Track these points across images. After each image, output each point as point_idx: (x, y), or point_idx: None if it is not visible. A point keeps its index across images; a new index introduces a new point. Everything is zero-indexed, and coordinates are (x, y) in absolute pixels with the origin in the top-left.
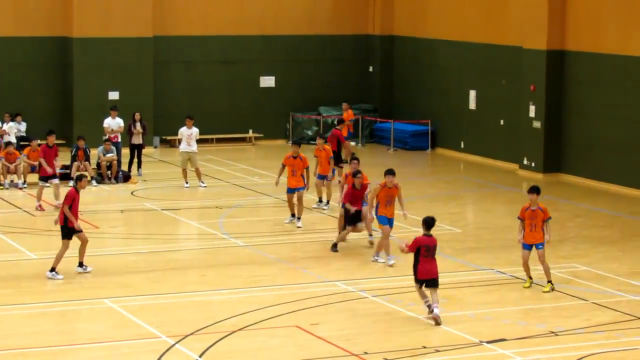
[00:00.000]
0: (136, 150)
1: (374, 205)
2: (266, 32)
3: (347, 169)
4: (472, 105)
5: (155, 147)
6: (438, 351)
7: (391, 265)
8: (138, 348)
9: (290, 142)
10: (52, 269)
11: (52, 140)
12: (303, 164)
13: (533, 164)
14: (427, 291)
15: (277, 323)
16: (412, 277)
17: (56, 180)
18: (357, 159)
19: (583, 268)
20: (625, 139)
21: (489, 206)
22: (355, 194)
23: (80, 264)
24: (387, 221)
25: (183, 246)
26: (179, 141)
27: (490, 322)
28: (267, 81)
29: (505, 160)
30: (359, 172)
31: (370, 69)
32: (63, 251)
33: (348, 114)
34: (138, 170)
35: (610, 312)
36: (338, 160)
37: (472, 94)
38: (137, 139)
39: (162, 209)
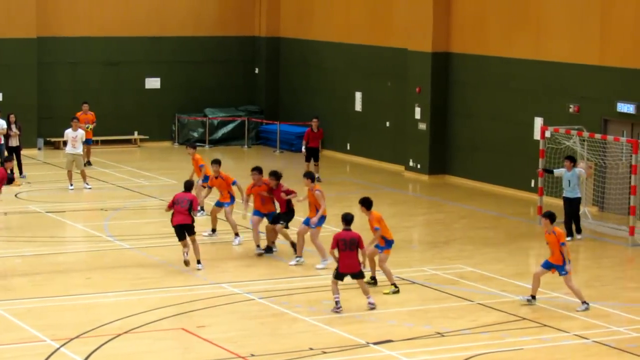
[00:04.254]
0: (14, 152)
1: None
2: (151, 34)
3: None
4: (358, 107)
5: (40, 149)
6: (325, 353)
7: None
8: (22, 352)
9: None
10: None
11: None
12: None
13: (419, 166)
14: (344, 285)
15: (163, 326)
16: (298, 279)
17: None
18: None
19: (469, 269)
20: (509, 140)
21: (375, 208)
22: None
23: None
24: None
25: (68, 249)
26: (64, 143)
27: (377, 323)
28: (153, 82)
29: (391, 162)
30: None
31: (256, 70)
32: None
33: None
34: (20, 172)
35: (496, 312)
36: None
37: (358, 95)
38: (14, 141)
39: (47, 212)
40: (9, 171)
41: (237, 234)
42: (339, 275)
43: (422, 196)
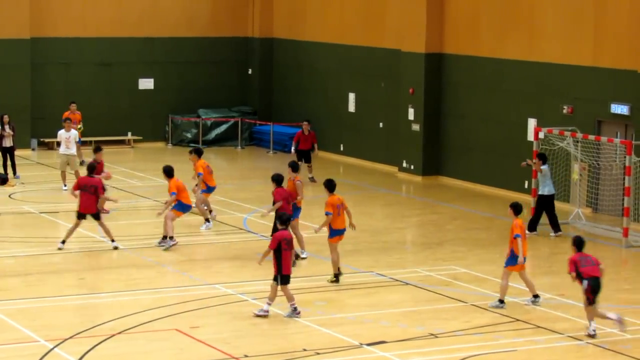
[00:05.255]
0: (8, 153)
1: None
2: (145, 34)
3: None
4: (352, 108)
5: (33, 149)
6: (318, 354)
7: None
8: (15, 352)
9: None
10: None
11: None
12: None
13: (412, 167)
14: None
15: (157, 326)
16: (291, 280)
17: None
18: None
19: (462, 270)
20: (502, 141)
21: (368, 209)
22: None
23: None
24: None
25: (61, 249)
26: (58, 144)
27: (370, 324)
28: (146, 83)
29: (385, 163)
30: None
31: (250, 71)
32: None
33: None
34: (14, 173)
35: (489, 314)
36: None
37: (352, 96)
38: (7, 142)
39: (40, 212)
40: None
41: (207, 220)
42: (284, 279)
43: (415, 197)
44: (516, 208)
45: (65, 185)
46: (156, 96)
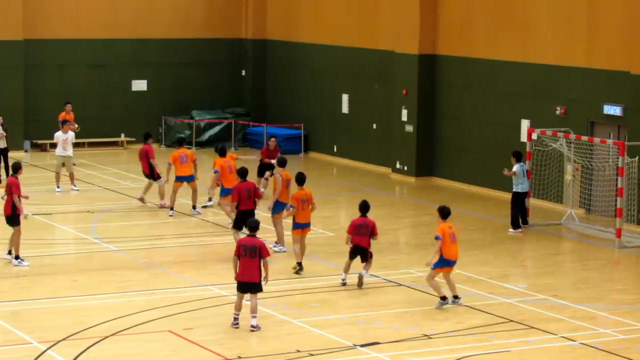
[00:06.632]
0: (2, 155)
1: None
2: (138, 36)
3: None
4: (345, 109)
5: (26, 151)
6: (312, 355)
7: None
8: (9, 355)
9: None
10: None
11: None
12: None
13: (405, 168)
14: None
15: (150, 328)
16: (284, 281)
17: None
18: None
19: (455, 271)
20: (496, 142)
21: None
22: None
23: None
24: None
25: (54, 251)
26: (52, 145)
27: (364, 325)
28: (139, 85)
29: (378, 164)
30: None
31: (243, 72)
32: None
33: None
34: (7, 175)
35: (482, 314)
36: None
37: (345, 97)
38: (1, 143)
39: (34, 214)
40: None
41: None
42: (239, 287)
43: (408, 198)
44: (442, 212)
45: (58, 187)
46: (149, 97)
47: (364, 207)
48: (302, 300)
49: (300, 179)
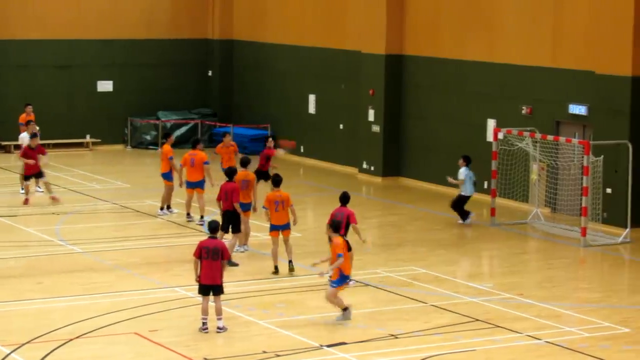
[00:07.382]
0: None
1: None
2: (103, 36)
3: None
4: (312, 109)
5: None
6: (278, 356)
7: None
8: None
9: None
10: None
11: None
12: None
13: (372, 168)
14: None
15: (116, 330)
16: (250, 282)
17: None
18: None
19: (422, 271)
20: (462, 142)
21: (329, 210)
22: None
23: None
24: None
25: (19, 253)
26: (15, 147)
27: (330, 325)
28: (105, 85)
29: (345, 165)
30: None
31: (210, 73)
32: None
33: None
34: None
35: (449, 314)
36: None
37: (312, 98)
38: None
39: None
40: None
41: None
42: (201, 289)
43: (375, 198)
44: (333, 225)
45: (23, 189)
46: (115, 98)
47: (343, 198)
48: (268, 301)
49: (276, 181)
